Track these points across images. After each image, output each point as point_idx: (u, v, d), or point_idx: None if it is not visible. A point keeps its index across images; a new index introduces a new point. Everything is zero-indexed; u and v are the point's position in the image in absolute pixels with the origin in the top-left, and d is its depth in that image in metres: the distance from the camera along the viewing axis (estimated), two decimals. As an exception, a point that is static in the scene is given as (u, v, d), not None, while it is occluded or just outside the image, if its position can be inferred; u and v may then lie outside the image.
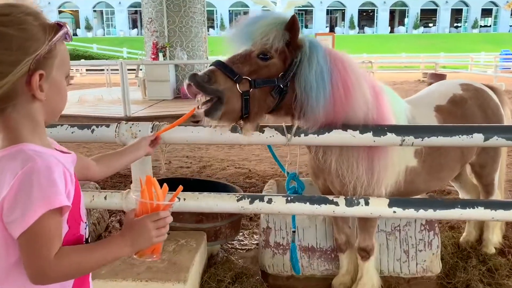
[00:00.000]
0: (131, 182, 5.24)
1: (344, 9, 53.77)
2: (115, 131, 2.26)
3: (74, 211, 1.09)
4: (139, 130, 2.24)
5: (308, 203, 2.20)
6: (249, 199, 2.25)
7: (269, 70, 1.86)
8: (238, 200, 2.26)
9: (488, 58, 28.43)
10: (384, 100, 2.12)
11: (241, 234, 3.46)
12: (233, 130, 2.07)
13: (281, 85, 1.87)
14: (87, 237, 1.18)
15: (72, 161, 1.16)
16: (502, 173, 3.01)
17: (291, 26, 1.84)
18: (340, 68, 1.91)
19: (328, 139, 2.06)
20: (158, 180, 1.23)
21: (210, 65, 1.82)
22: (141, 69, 13.03)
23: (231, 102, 1.78)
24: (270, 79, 1.87)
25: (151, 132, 2.22)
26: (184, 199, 2.31)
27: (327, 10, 53.84)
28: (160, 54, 12.28)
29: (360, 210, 2.17)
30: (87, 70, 25.40)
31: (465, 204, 2.13)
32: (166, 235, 1.17)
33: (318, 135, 2.06)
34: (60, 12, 51.18)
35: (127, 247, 1.09)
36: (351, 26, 52.54)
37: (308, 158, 2.46)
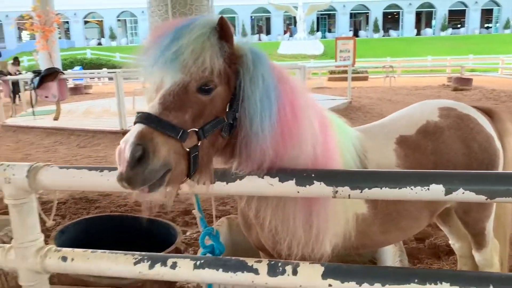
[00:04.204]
0: (96, 208, 4.84)
1: (368, 13, 52.60)
2: (-13, 175, 1.84)
3: None
4: (13, 174, 1.81)
5: (221, 269, 1.71)
6: (149, 262, 1.78)
7: (216, 105, 1.38)
8: (135, 263, 1.79)
9: (520, 60, 26.96)
10: (331, 135, 1.66)
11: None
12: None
13: (231, 121, 1.41)
14: None
15: None
16: (505, 218, 2.37)
17: (223, 32, 1.35)
18: (287, 87, 1.48)
19: (239, 188, 1.59)
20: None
21: (136, 120, 1.28)
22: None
23: (177, 168, 1.31)
24: (219, 117, 1.38)
25: (26, 176, 1.78)
26: (73, 259, 1.86)
27: (351, 14, 52.87)
28: (166, 64, 12.00)
29: (285, 281, 1.65)
30: (109, 78, 25.54)
31: (425, 276, 1.57)
32: None
33: (227, 183, 1.58)
34: (86, 22, 52.43)
35: None
36: (375, 30, 51.32)
37: (239, 206, 1.97)
